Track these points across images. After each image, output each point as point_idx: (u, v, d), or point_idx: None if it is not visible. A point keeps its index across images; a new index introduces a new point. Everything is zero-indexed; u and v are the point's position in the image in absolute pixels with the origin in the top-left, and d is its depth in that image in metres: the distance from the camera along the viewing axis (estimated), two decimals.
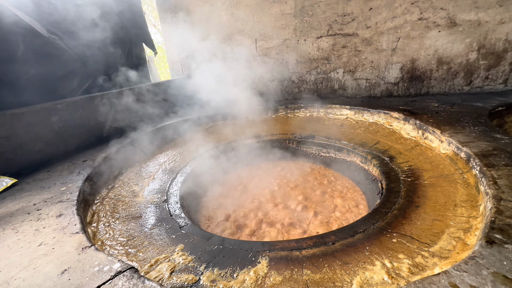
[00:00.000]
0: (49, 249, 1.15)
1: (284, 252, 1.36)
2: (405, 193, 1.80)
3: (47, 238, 1.23)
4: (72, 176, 1.98)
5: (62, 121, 2.45)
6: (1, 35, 2.12)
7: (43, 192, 1.75)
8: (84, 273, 0.98)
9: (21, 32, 2.26)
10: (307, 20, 3.71)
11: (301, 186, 2.63)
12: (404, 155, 2.33)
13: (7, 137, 2.07)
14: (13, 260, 1.10)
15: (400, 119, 2.84)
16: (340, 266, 1.20)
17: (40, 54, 2.40)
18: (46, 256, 1.10)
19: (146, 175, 2.39)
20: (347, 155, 2.82)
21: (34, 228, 1.33)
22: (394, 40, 3.46)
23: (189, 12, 3.82)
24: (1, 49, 2.14)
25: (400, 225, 1.45)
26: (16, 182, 1.95)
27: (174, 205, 1.97)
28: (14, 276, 1.00)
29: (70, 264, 1.03)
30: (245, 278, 1.17)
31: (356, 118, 3.37)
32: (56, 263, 1.05)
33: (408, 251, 1.22)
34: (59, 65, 2.62)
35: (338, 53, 3.76)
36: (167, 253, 1.38)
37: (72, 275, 0.97)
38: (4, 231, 1.33)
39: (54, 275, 0.98)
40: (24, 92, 2.36)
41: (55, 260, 1.07)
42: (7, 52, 2.18)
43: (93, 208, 1.83)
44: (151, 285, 0.92)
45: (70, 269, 1.01)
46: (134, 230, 1.61)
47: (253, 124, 3.47)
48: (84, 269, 1.00)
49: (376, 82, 3.76)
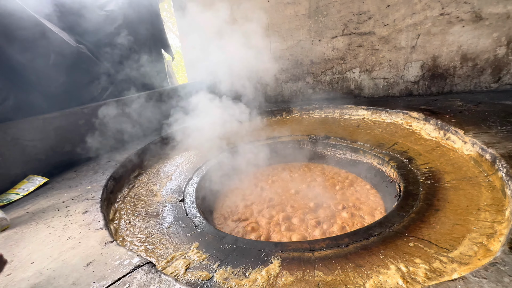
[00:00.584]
0: (76, 243, 1.24)
1: (296, 253, 1.37)
2: (424, 196, 1.73)
3: (74, 233, 1.33)
4: (97, 176, 2.11)
5: (89, 124, 2.62)
6: (35, 46, 2.32)
7: (71, 191, 1.88)
8: (106, 266, 1.05)
9: (52, 43, 2.45)
10: (321, 21, 3.68)
11: (314, 188, 2.60)
12: (424, 156, 2.24)
13: (40, 140, 2.25)
14: (45, 252, 1.20)
15: (420, 119, 2.73)
16: (353, 269, 1.18)
17: (68, 62, 2.59)
18: (73, 249, 1.19)
19: (164, 175, 2.49)
20: (363, 156, 2.75)
21: (63, 224, 1.44)
22: (414, 37, 3.34)
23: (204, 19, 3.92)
24: (35, 60, 2.34)
25: (417, 229, 1.40)
26: (47, 181, 2.12)
27: (190, 204, 2.04)
28: (46, 266, 1.10)
29: (94, 257, 1.11)
30: (257, 277, 1.19)
31: (373, 118, 3.28)
32: (82, 256, 1.14)
33: (425, 256, 1.18)
34: (85, 72, 2.81)
35: (354, 53, 3.69)
36: (182, 250, 1.44)
37: (96, 267, 1.05)
38: (38, 225, 1.46)
39: (80, 266, 1.06)
40: (55, 98, 2.55)
41: (81, 253, 1.16)
42: (40, 62, 2.38)
43: (115, 206, 1.94)
44: (167, 279, 0.97)
45: (94, 261, 1.09)
46: (153, 228, 1.68)
47: (267, 125, 3.49)
48: (107, 262, 1.07)
49: (395, 81, 3.64)
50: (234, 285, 1.15)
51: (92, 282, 0.97)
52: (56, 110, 2.47)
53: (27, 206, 1.72)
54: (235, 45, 3.58)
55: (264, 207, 2.35)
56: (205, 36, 3.90)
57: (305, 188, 2.63)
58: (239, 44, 3.78)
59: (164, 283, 0.96)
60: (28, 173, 2.15)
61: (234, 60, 3.84)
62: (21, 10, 2.22)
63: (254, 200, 2.47)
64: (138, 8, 3.47)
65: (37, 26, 2.33)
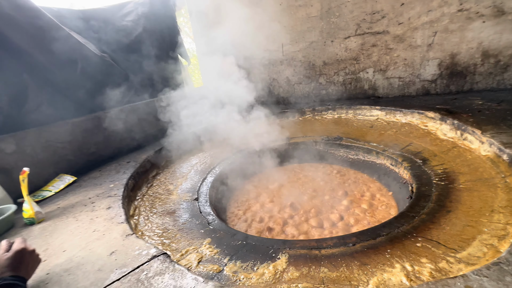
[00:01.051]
0: (101, 235, 1.37)
1: (303, 250, 1.41)
2: (436, 197, 1.71)
3: (99, 226, 1.47)
4: (119, 175, 2.28)
5: (112, 127, 2.82)
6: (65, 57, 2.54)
7: (96, 188, 2.05)
8: (127, 255, 1.16)
9: (79, 53, 2.68)
10: (333, 22, 3.67)
11: (327, 189, 2.61)
12: (439, 157, 2.19)
13: (69, 142, 2.47)
14: (75, 242, 1.34)
15: (436, 119, 2.65)
16: (358, 267, 1.21)
17: (94, 70, 2.80)
18: (98, 240, 1.33)
19: (180, 175, 2.62)
20: (376, 157, 2.72)
21: (89, 218, 1.59)
22: (430, 35, 3.24)
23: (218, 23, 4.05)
24: (65, 69, 2.56)
25: (426, 230, 1.40)
26: (75, 179, 2.31)
27: (203, 203, 2.14)
28: (75, 254, 1.23)
29: (116, 248, 1.23)
30: (264, 272, 1.26)
31: (388, 119, 3.23)
32: (106, 246, 1.26)
33: (432, 256, 1.18)
34: (108, 78, 3.02)
35: (368, 52, 3.64)
36: (196, 245, 1.53)
37: (118, 256, 1.17)
38: (68, 219, 1.62)
39: (105, 255, 1.19)
40: (81, 103, 2.77)
41: (105, 243, 1.29)
42: (69, 70, 2.60)
43: (135, 203, 2.08)
44: (180, 269, 1.06)
45: (116, 251, 1.21)
46: (169, 224, 1.80)
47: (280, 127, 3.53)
48: (127, 252, 1.19)
49: (411, 80, 3.55)
50: (242, 278, 1.22)
51: (114, 269, 1.09)
52: (83, 114, 2.69)
53: (59, 202, 1.90)
54: None
55: (275, 207, 2.40)
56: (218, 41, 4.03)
57: (315, 189, 2.65)
58: (251, 47, 3.87)
59: (178, 272, 1.05)
60: (59, 172, 2.36)
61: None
62: (53, 24, 2.46)
63: (265, 200, 2.53)
64: (156, 17, 3.66)
65: (67, 38, 2.56)
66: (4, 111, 2.19)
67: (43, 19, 2.39)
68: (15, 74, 2.24)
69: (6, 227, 1.63)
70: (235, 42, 3.93)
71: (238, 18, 3.95)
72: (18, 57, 2.27)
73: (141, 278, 1.03)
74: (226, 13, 3.71)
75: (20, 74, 2.28)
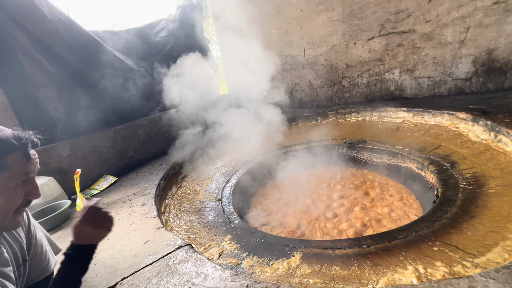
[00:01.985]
0: (137, 227, 1.59)
1: (318, 249, 1.47)
2: (461, 202, 1.64)
3: (136, 220, 1.69)
4: (152, 176, 2.54)
5: (146, 133, 3.14)
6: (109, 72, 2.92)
7: (133, 188, 2.33)
8: (158, 245, 1.34)
9: (119, 68, 3.05)
10: (356, 24, 3.65)
11: (349, 192, 2.60)
12: (469, 160, 2.07)
13: (112, 146, 2.81)
14: (116, 232, 1.57)
15: (468, 120, 2.50)
16: (369, 267, 1.24)
17: (132, 83, 3.16)
18: (135, 232, 1.54)
19: (205, 177, 2.81)
20: (402, 160, 2.64)
21: (128, 212, 1.83)
22: (462, 31, 3.06)
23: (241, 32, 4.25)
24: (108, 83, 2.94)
25: (446, 234, 1.37)
26: (116, 180, 2.63)
27: (226, 203, 2.29)
28: (117, 242, 1.45)
29: (149, 238, 1.43)
30: (279, 267, 1.35)
31: (415, 120, 3.10)
32: (141, 236, 1.47)
33: (447, 260, 1.17)
34: (145, 90, 3.37)
35: (393, 53, 3.54)
36: (217, 240, 1.67)
37: (150, 245, 1.35)
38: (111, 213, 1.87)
39: (140, 244, 1.38)
40: (122, 112, 3.14)
41: (140, 234, 1.49)
42: (112, 84, 2.97)
43: (165, 201, 2.31)
44: (201, 258, 1.21)
45: (149, 241, 1.40)
46: (195, 221, 1.98)
47: (303, 130, 3.59)
48: (158, 242, 1.37)
49: (442, 79, 3.36)
50: (257, 271, 1.32)
51: (148, 255, 1.27)
52: (123, 122, 3.05)
53: (103, 199, 2.20)
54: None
55: (296, 209, 2.47)
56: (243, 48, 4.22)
57: (337, 191, 2.65)
58: (274, 53, 3.99)
59: (199, 261, 1.19)
60: (103, 173, 2.70)
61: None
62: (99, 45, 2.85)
63: (286, 202, 2.60)
64: (185, 31, 3.99)
65: (109, 55, 2.94)
66: (61, 121, 2.59)
67: (90, 41, 2.78)
68: (70, 89, 2.65)
69: (63, 219, 1.94)
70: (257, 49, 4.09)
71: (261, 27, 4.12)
72: (72, 75, 2.68)
73: (169, 263, 1.20)
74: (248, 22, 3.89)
75: (73, 89, 2.68)
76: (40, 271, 1.02)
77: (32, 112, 2.42)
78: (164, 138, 3.36)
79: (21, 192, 0.80)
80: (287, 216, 2.36)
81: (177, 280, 1.09)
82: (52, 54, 2.50)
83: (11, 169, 0.76)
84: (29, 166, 0.82)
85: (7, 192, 0.77)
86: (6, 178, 0.76)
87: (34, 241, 1.01)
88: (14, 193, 0.79)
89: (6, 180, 0.76)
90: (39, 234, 1.05)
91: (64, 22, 2.57)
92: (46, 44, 2.44)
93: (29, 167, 0.81)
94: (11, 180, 0.77)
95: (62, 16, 2.58)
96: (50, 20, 2.45)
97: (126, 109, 3.15)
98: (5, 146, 0.76)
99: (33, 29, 2.33)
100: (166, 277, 1.12)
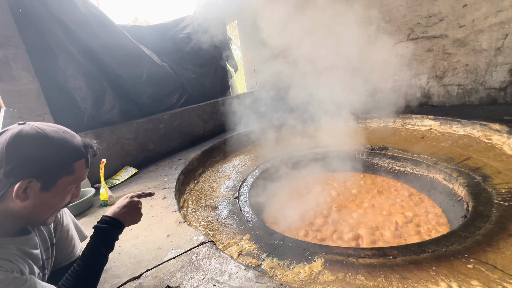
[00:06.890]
0: (159, 220, 1.60)
1: (340, 256, 1.43)
2: (497, 218, 1.55)
3: (157, 212, 1.71)
4: (171, 170, 2.57)
5: (166, 127, 3.19)
6: (135, 66, 2.98)
7: (154, 180, 2.36)
8: (180, 239, 1.35)
9: (144, 63, 3.11)
10: (383, 27, 3.54)
11: (367, 201, 2.53)
12: (504, 174, 1.95)
13: (134, 139, 2.87)
14: (138, 224, 1.58)
15: (502, 131, 2.36)
16: (397, 279, 1.19)
17: (155, 78, 3.21)
18: (157, 224, 1.55)
19: (222, 174, 2.82)
20: (427, 170, 2.53)
21: (149, 205, 1.86)
22: (500, 37, 2.90)
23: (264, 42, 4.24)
24: (133, 77, 3.00)
25: (481, 252, 1.29)
26: (137, 171, 2.68)
27: (243, 202, 2.28)
28: (140, 233, 1.47)
29: (172, 231, 1.43)
30: (300, 271, 1.31)
31: (442, 129, 2.97)
32: (163, 229, 1.48)
33: (485, 279, 1.10)
34: (167, 85, 3.42)
35: (421, 58, 3.41)
36: (236, 239, 1.66)
37: (173, 238, 1.36)
38: None
39: (162, 236, 1.39)
40: (144, 106, 3.20)
41: (162, 227, 1.50)
42: (136, 78, 3.04)
43: (184, 196, 2.33)
44: (225, 256, 1.20)
45: (172, 234, 1.40)
46: (213, 218, 1.98)
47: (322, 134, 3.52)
48: (181, 236, 1.37)
49: (473, 87, 3.20)
50: (279, 274, 1.30)
51: (171, 249, 1.28)
52: (145, 116, 3.11)
53: (125, 190, 2.24)
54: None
55: (312, 214, 2.42)
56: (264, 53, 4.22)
57: (355, 198, 2.58)
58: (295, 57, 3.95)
59: (223, 258, 1.18)
60: (125, 164, 2.76)
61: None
62: (127, 39, 2.91)
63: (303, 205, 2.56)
64: (209, 29, 4.01)
65: (136, 51, 3.00)
66: (88, 112, 2.67)
67: (120, 36, 2.85)
68: (98, 81, 2.73)
69: (87, 206, 1.99)
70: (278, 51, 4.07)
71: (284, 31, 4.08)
72: (100, 68, 2.76)
73: (192, 259, 1.19)
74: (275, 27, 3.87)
75: (101, 82, 2.76)
76: (65, 256, 1.05)
77: (62, 101, 2.51)
78: (183, 133, 3.39)
79: (71, 195, 0.86)
80: (304, 220, 2.32)
81: (201, 276, 1.09)
82: (83, 46, 2.58)
83: (75, 174, 0.82)
84: (87, 172, 0.89)
85: (64, 193, 0.82)
86: (69, 181, 0.81)
87: (61, 226, 1.04)
88: (68, 195, 0.84)
89: (68, 183, 0.81)
90: (66, 219, 1.08)
91: (96, 16, 2.65)
92: (78, 36, 2.53)
93: (86, 173, 0.88)
94: (71, 183, 0.82)
95: (95, 10, 2.66)
96: (83, 13, 2.53)
97: (149, 102, 3.21)
98: (77, 153, 0.81)
99: (67, 21, 2.42)
100: (190, 272, 1.12)
